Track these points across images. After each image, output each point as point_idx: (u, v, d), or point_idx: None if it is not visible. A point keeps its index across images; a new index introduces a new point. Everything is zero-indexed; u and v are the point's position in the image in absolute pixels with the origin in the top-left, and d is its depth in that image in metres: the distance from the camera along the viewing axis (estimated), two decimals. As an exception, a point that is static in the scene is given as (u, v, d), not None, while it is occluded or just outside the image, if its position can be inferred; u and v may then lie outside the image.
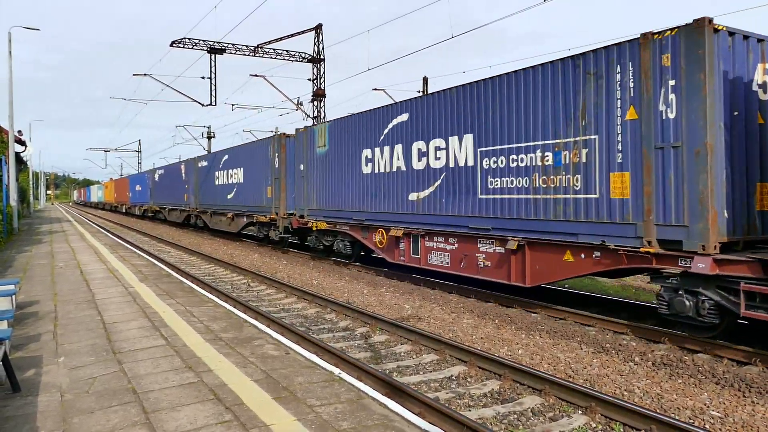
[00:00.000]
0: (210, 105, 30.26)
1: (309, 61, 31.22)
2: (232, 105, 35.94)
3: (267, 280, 13.66)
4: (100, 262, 14.28)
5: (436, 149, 11.87)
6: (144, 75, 29.37)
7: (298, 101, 30.98)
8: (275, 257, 18.87)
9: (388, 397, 4.97)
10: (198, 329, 7.08)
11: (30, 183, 58.50)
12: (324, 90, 31.30)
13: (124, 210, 56.56)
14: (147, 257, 15.69)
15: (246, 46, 29.76)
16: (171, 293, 9.66)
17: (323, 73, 31.41)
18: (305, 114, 31.18)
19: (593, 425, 5.43)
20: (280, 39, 30.32)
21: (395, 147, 13.15)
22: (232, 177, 24.12)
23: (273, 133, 33.10)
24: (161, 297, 9.31)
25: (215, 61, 29.66)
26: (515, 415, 5.68)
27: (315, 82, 31.32)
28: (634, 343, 7.93)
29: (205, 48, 28.97)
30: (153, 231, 32.57)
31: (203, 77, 30.13)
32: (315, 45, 31.18)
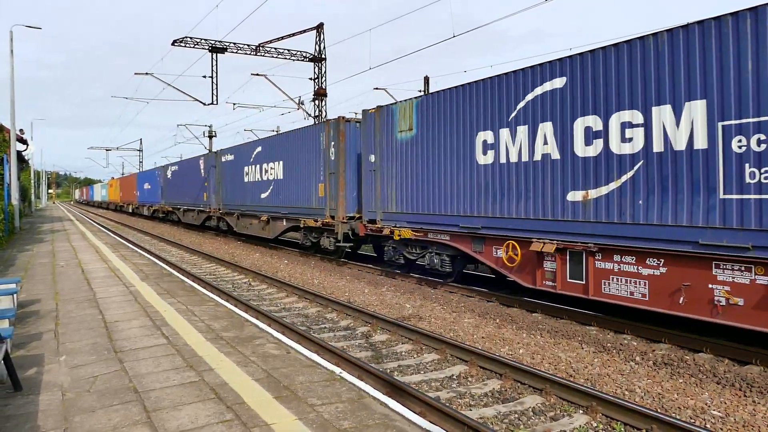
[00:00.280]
0: (211, 104, 30.28)
1: (310, 61, 31.22)
2: (233, 104, 35.94)
3: (268, 279, 13.67)
4: (101, 261, 14.30)
5: (622, 127, 8.33)
6: (145, 74, 29.38)
7: (299, 100, 30.99)
8: (276, 257, 18.87)
9: (389, 397, 4.97)
10: (199, 328, 7.08)
11: (31, 182, 58.65)
12: (325, 89, 31.29)
13: (130, 210, 52.66)
14: (148, 256, 15.70)
15: (247, 45, 29.76)
16: (172, 292, 9.67)
17: (324, 73, 31.41)
18: (306, 113, 31.19)
19: (594, 425, 5.43)
20: (281, 38, 30.32)
21: (540, 126, 9.57)
22: (267, 173, 20.33)
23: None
24: (162, 296, 9.32)
25: (216, 60, 29.66)
26: (516, 415, 5.68)
27: (316, 81, 31.32)
28: (635, 343, 7.93)
29: (207, 47, 28.97)
30: (154, 230, 32.60)
31: (204, 76, 30.15)
32: (316, 44, 31.18)
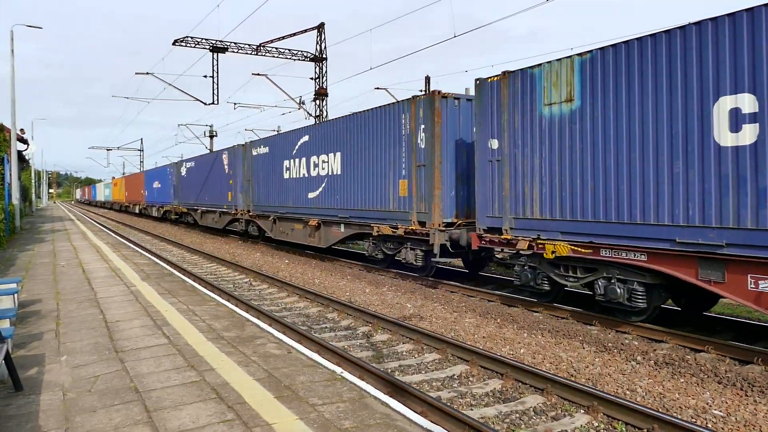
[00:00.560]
0: (212, 104, 30.28)
1: (311, 60, 31.22)
2: (234, 104, 35.94)
3: (269, 279, 13.66)
4: (102, 260, 14.30)
5: None
6: (146, 74, 29.38)
7: (300, 100, 30.99)
8: (277, 257, 18.87)
9: (390, 396, 4.96)
10: (200, 328, 7.08)
11: (32, 181, 58.72)
12: (326, 89, 31.30)
13: (137, 211, 49.15)
14: (149, 256, 15.70)
15: (248, 44, 29.77)
16: (173, 292, 9.67)
17: (325, 72, 31.41)
18: (307, 113, 31.19)
19: (595, 424, 5.42)
20: (282, 38, 30.33)
21: None
22: (317, 167, 16.79)
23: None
24: (163, 296, 9.32)
25: (217, 60, 29.67)
26: (517, 415, 5.68)
27: (317, 81, 31.32)
28: (636, 343, 7.92)
29: (208, 47, 28.98)
30: (155, 230, 32.61)
31: (205, 76, 30.16)
32: (317, 44, 31.18)
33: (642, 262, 8.06)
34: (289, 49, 30.69)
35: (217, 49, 29.21)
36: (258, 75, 29.33)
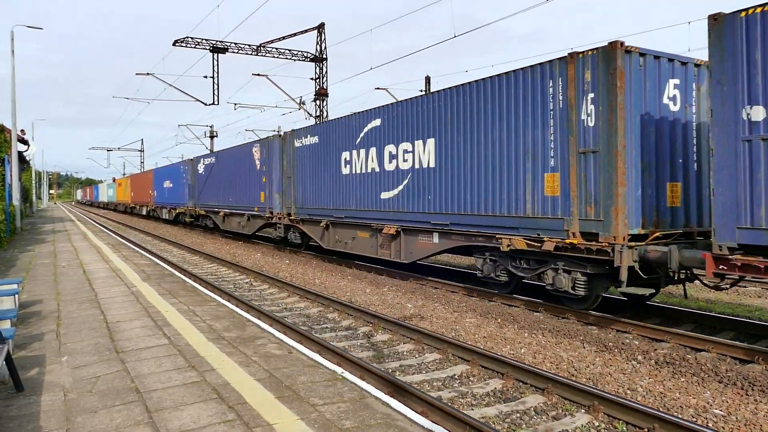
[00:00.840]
0: (212, 104, 30.30)
1: (311, 61, 31.24)
2: (234, 104, 35.95)
3: (269, 279, 13.67)
4: (102, 261, 14.31)
5: None
6: (146, 74, 29.42)
7: (300, 100, 31.00)
8: (278, 256, 18.88)
9: (390, 396, 4.97)
10: (201, 328, 7.09)
11: (33, 182, 58.76)
12: (326, 89, 31.32)
13: (144, 212, 46.13)
14: (149, 257, 15.71)
15: (248, 45, 29.79)
16: (174, 292, 9.68)
17: (326, 73, 31.42)
18: (307, 113, 31.20)
19: (596, 424, 5.43)
20: (282, 38, 30.35)
21: None
22: (395, 159, 13.30)
23: (278, 130, 33.14)
24: (164, 296, 9.32)
25: (218, 61, 29.70)
26: (518, 414, 5.68)
27: (317, 81, 31.33)
28: (636, 342, 7.92)
29: (208, 47, 29.00)
30: (156, 231, 32.63)
31: (206, 76, 30.19)
32: (317, 44, 31.19)
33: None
34: (290, 50, 30.73)
35: (218, 50, 29.23)
36: (258, 75, 29.36)
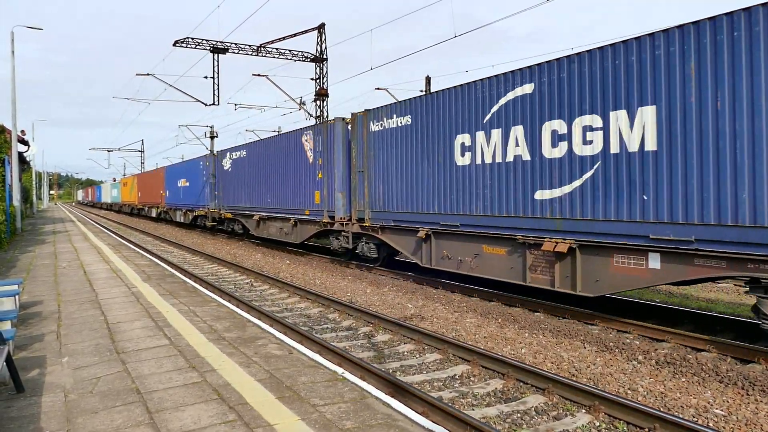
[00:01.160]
0: (213, 105, 30.29)
1: (312, 61, 31.23)
2: (234, 105, 35.96)
3: (270, 279, 13.67)
4: (103, 262, 14.31)
5: None
6: (147, 75, 29.41)
7: (300, 101, 30.99)
8: (278, 257, 18.87)
9: (391, 397, 4.97)
10: (201, 329, 7.09)
11: (33, 183, 58.78)
12: (327, 89, 31.30)
13: (154, 215, 42.10)
14: (150, 257, 15.71)
15: (249, 45, 29.78)
16: (174, 293, 9.68)
17: (326, 73, 31.41)
18: (308, 113, 31.20)
19: (597, 424, 5.42)
20: (283, 38, 30.33)
21: None
22: (564, 141, 9.17)
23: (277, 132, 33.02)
24: (164, 297, 9.32)
25: (218, 61, 29.69)
26: (519, 414, 5.68)
27: (318, 81, 31.33)
28: (637, 342, 7.92)
29: (208, 48, 29.00)
30: (156, 231, 32.63)
31: (206, 77, 30.16)
32: (318, 44, 31.19)
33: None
34: (290, 50, 30.71)
35: (218, 50, 29.22)
36: (258, 76, 29.35)
